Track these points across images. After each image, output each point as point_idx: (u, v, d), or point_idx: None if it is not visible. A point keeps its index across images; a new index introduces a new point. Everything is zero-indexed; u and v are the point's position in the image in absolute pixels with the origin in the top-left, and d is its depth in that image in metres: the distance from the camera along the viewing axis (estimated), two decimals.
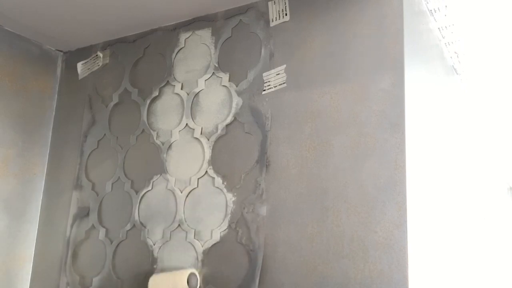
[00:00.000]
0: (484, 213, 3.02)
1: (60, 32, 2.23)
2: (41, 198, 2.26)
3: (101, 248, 2.00)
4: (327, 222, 1.52)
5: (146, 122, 2.04)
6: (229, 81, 1.86)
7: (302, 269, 1.52)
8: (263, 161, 1.69)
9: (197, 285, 1.69)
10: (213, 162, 1.81)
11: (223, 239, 1.70)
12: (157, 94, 2.05)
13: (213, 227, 1.73)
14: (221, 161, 1.80)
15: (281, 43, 1.78)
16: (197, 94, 1.94)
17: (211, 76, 1.92)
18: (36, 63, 2.32)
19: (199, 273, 1.71)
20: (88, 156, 2.17)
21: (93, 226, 2.05)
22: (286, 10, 1.80)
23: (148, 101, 2.06)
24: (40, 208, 2.25)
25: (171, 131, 1.96)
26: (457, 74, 2.44)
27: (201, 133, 1.88)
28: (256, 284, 1.58)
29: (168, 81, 2.03)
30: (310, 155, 1.61)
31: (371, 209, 1.45)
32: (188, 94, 1.96)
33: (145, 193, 1.95)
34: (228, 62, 1.90)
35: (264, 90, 1.77)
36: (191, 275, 1.69)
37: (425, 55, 1.83)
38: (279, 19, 1.81)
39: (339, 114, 1.59)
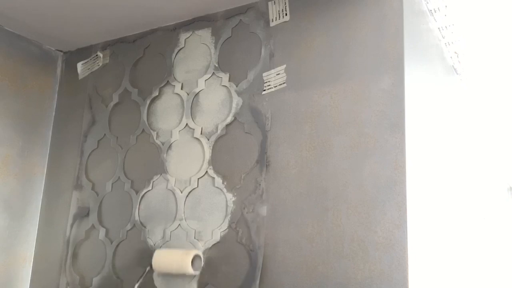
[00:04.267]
0: (484, 213, 3.02)
1: (60, 32, 2.23)
2: (41, 198, 2.26)
3: (101, 248, 2.00)
4: (327, 222, 1.52)
5: (146, 122, 2.04)
6: (229, 81, 1.86)
7: (302, 269, 1.52)
8: (263, 161, 1.69)
9: (200, 267, 1.71)
10: (213, 162, 1.81)
11: (223, 239, 1.70)
12: (157, 94, 2.05)
13: (213, 227, 1.73)
14: (221, 161, 1.80)
15: (281, 43, 1.78)
16: (197, 94, 1.94)
17: (211, 76, 1.92)
18: (36, 63, 2.32)
19: (201, 266, 1.71)
20: (88, 156, 2.17)
21: (93, 226, 2.05)
22: (286, 10, 1.80)
23: (148, 101, 2.06)
24: (40, 208, 2.25)
25: (171, 131, 1.96)
26: (457, 74, 2.44)
27: (201, 133, 1.88)
28: (256, 284, 1.58)
29: (168, 81, 2.03)
30: (310, 155, 1.61)
31: (371, 209, 1.45)
32: (188, 94, 1.96)
33: (145, 193, 1.95)
34: (228, 62, 1.90)
35: (264, 90, 1.77)
36: (196, 257, 1.70)
37: (425, 55, 1.83)
38: (279, 19, 1.81)
39: (339, 114, 1.59)
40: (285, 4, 1.80)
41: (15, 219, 2.14)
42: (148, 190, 1.94)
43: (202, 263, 1.71)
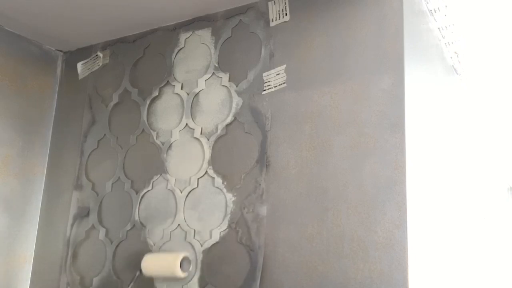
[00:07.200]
0: (484, 213, 3.02)
1: (60, 32, 2.23)
2: (41, 198, 2.26)
3: (101, 248, 2.00)
4: (327, 222, 1.52)
5: (146, 122, 2.04)
6: (229, 81, 1.86)
7: (302, 269, 1.52)
8: (263, 161, 1.69)
9: (189, 268, 1.72)
10: (213, 162, 1.81)
11: (223, 239, 1.70)
12: (157, 94, 2.05)
13: (213, 227, 1.73)
14: (221, 161, 1.80)
15: (281, 43, 1.78)
16: (197, 94, 1.94)
17: (211, 76, 1.92)
18: (36, 63, 2.31)
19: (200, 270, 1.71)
20: (88, 156, 2.17)
21: (93, 226, 2.05)
22: (286, 10, 1.80)
23: (148, 101, 2.06)
24: (40, 208, 2.24)
25: (171, 131, 1.96)
26: (457, 74, 2.44)
27: (201, 133, 1.88)
28: (257, 285, 1.58)
29: (168, 81, 2.03)
30: (310, 155, 1.61)
31: (371, 209, 1.45)
32: (188, 94, 1.96)
33: (145, 193, 1.95)
34: (228, 62, 1.90)
35: (264, 90, 1.77)
36: (184, 258, 1.71)
37: (425, 55, 1.83)
38: (279, 19, 1.81)
39: (339, 114, 1.59)
40: (285, 4, 1.80)
41: (15, 219, 2.14)
42: (148, 190, 1.94)
43: (191, 265, 1.71)
